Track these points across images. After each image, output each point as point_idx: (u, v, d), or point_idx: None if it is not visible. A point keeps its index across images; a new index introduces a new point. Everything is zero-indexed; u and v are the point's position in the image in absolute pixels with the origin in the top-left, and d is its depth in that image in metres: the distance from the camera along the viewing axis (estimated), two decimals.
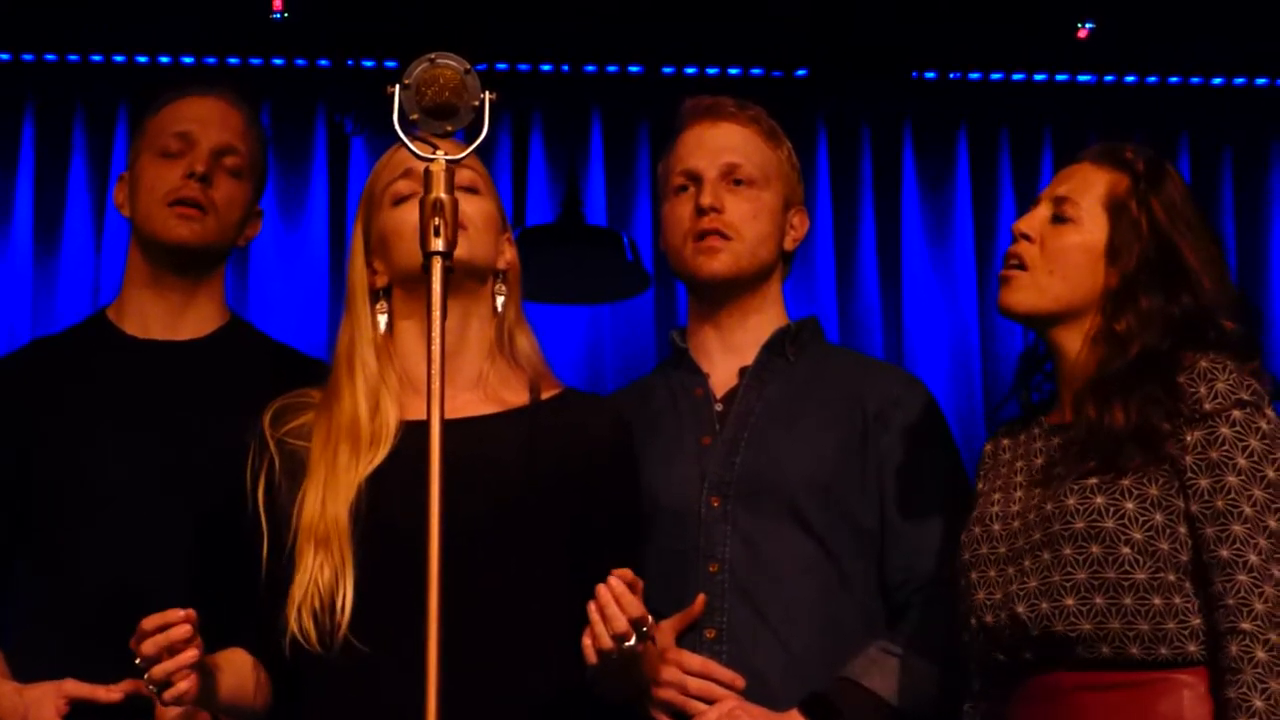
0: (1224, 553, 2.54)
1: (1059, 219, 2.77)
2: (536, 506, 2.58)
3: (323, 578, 2.51)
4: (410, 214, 2.58)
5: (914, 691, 2.83)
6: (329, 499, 2.54)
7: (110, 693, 2.83)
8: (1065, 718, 2.60)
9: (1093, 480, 2.61)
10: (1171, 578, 2.57)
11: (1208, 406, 2.59)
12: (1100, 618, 2.57)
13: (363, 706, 2.52)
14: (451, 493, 2.15)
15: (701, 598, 2.85)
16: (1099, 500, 2.59)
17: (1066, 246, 2.75)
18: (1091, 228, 2.75)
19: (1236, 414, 2.58)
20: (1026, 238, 2.78)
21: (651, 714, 2.80)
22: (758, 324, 3.03)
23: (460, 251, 2.38)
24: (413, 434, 2.59)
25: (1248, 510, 2.55)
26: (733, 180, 3.00)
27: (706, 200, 2.97)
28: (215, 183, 3.06)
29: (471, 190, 2.64)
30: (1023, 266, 2.77)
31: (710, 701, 2.78)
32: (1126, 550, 2.57)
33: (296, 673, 2.58)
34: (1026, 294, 2.76)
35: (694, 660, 2.80)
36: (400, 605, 2.44)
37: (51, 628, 2.92)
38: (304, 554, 2.53)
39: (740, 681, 2.79)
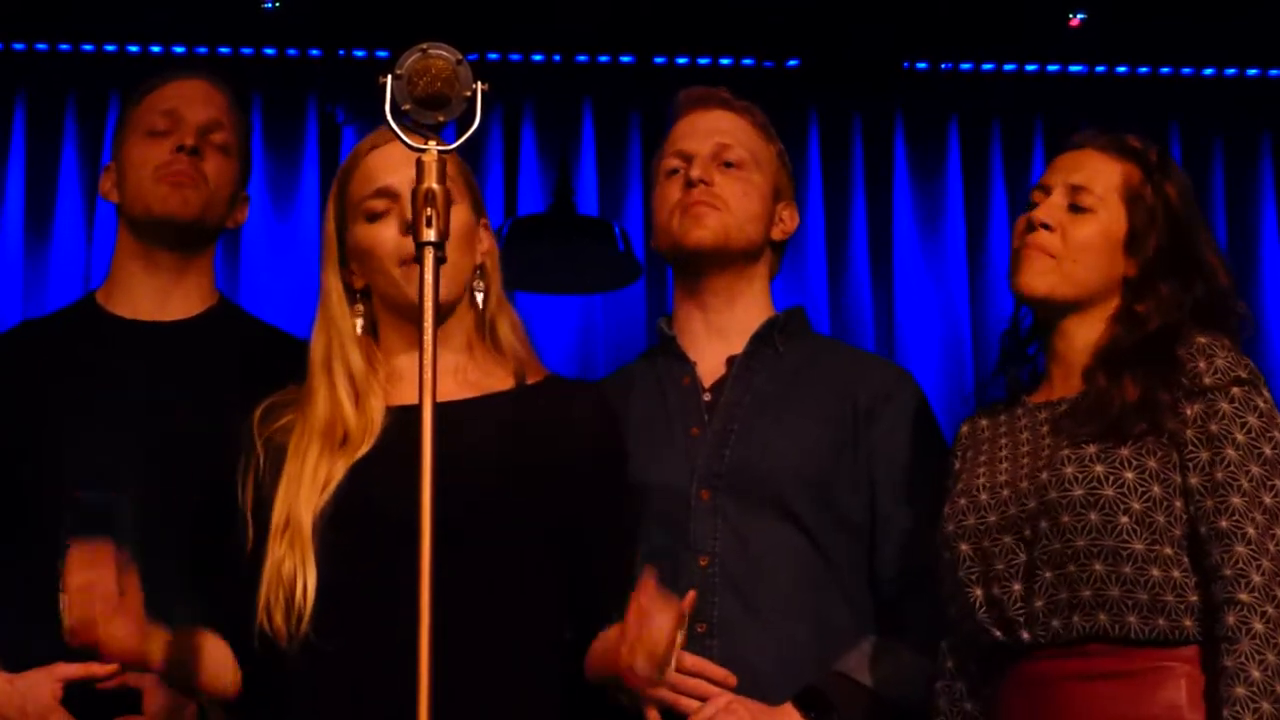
0: (1223, 524, 2.56)
1: (1076, 208, 2.78)
2: (512, 490, 2.57)
3: (284, 571, 2.51)
4: (384, 233, 2.60)
5: (906, 685, 2.83)
6: (294, 497, 2.55)
7: (105, 668, 2.82)
8: (1058, 708, 2.61)
9: (1091, 449, 2.63)
10: (1168, 551, 2.58)
11: (1207, 381, 2.62)
12: (1100, 584, 2.58)
13: (336, 701, 2.51)
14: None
15: (692, 594, 2.84)
16: (1098, 469, 2.61)
17: (1089, 236, 2.76)
18: (1109, 218, 2.77)
19: (1236, 390, 2.62)
20: (1047, 227, 2.78)
21: (643, 712, 2.79)
22: (744, 310, 3.03)
23: (441, 293, 2.39)
24: (395, 420, 2.59)
25: (1246, 484, 2.57)
26: (723, 162, 3.01)
27: (696, 173, 2.98)
28: (204, 156, 3.07)
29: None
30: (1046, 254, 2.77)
31: (703, 700, 2.78)
32: (1125, 520, 2.59)
33: (268, 667, 2.58)
34: (1050, 279, 2.76)
35: (686, 658, 2.79)
36: (376, 594, 2.46)
37: (38, 616, 2.90)
38: (271, 551, 2.54)
39: (733, 680, 2.79)
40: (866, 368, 3.06)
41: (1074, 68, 5.91)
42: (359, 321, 2.67)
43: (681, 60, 5.79)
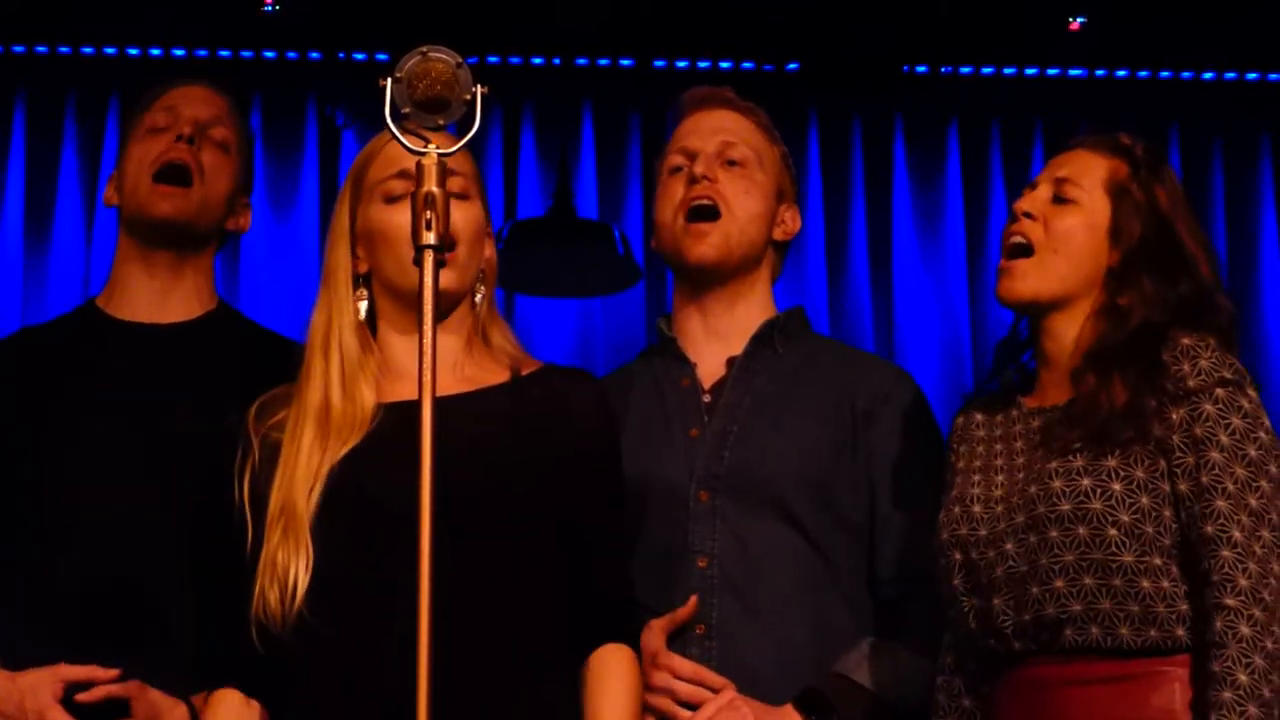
0: (1209, 529, 2.55)
1: (1060, 199, 2.78)
2: (509, 484, 2.57)
3: (279, 557, 2.52)
4: (401, 217, 2.58)
5: (906, 685, 2.83)
6: (289, 484, 2.56)
7: (107, 672, 2.83)
8: (1056, 712, 2.60)
9: (1078, 462, 2.62)
10: (1158, 561, 2.58)
11: (1191, 384, 2.60)
12: (1091, 598, 2.57)
13: (331, 691, 2.51)
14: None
15: (693, 599, 2.84)
16: (1085, 482, 2.60)
17: (1071, 226, 2.75)
18: (1093, 209, 2.76)
19: (1220, 392, 2.60)
20: (1029, 216, 2.77)
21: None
22: (745, 311, 3.03)
23: (447, 283, 2.48)
24: (391, 416, 2.59)
25: (1230, 487, 2.56)
26: (727, 160, 3.01)
27: (700, 170, 2.98)
28: (202, 149, 3.09)
29: (461, 196, 2.62)
30: (1027, 252, 2.76)
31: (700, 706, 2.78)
32: (1113, 532, 2.58)
33: (266, 663, 2.58)
34: (1030, 280, 2.75)
35: (685, 665, 2.79)
36: (372, 586, 2.47)
37: (38, 615, 2.92)
38: (269, 539, 2.55)
39: (731, 687, 2.78)
40: (865, 368, 3.06)
41: (1074, 71, 5.91)
42: (361, 306, 2.67)
43: (681, 63, 5.79)
